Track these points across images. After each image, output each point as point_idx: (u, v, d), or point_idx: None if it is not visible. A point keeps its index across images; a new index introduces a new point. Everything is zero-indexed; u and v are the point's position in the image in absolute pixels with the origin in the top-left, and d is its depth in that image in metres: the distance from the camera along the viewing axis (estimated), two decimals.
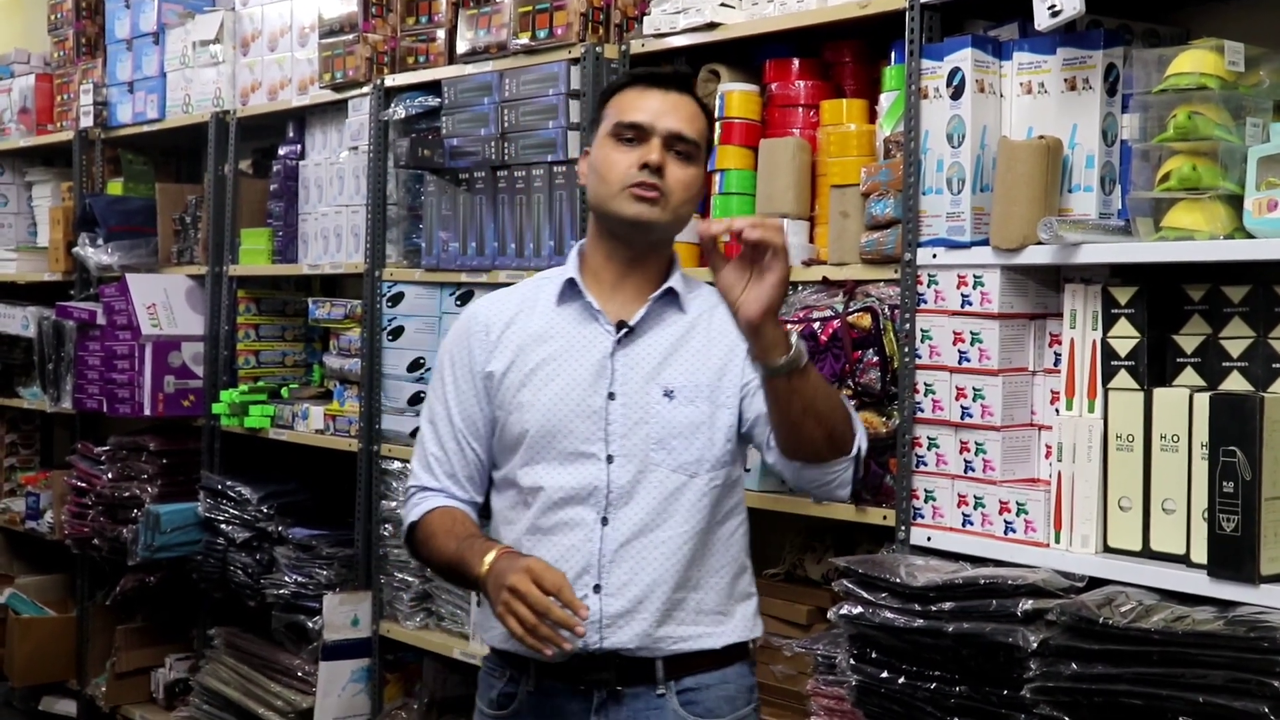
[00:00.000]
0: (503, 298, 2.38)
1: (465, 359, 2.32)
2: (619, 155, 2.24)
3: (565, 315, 2.30)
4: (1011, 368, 2.58)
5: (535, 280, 2.40)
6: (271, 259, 4.41)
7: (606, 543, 2.21)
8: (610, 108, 2.30)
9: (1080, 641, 2.24)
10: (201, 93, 4.68)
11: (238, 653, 4.37)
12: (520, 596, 2.02)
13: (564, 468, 2.23)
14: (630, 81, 2.32)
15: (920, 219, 2.67)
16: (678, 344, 2.28)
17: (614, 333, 2.27)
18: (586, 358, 2.26)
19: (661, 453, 2.23)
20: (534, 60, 3.46)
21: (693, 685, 2.24)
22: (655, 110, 2.25)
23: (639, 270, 2.30)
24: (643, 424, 2.23)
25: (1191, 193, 2.30)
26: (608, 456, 2.22)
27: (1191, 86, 2.30)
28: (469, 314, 2.38)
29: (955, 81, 2.60)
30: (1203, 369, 2.38)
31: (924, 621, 2.44)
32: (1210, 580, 2.24)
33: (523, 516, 2.26)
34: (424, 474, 2.35)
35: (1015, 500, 2.53)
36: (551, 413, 2.23)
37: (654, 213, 2.23)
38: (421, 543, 2.31)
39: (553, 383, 2.25)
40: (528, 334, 2.29)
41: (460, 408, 2.32)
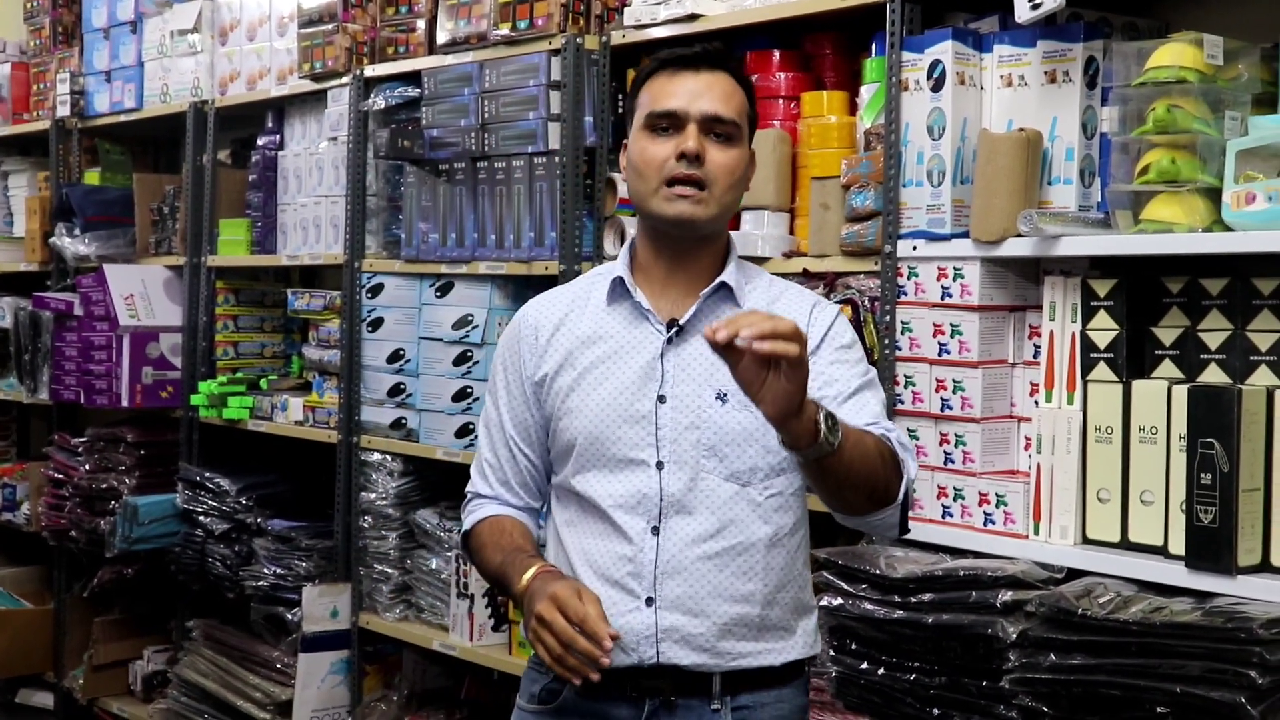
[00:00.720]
0: (553, 298, 2.27)
1: (515, 364, 2.23)
2: (655, 147, 2.11)
3: (615, 315, 2.18)
4: (991, 360, 2.58)
5: (589, 277, 2.28)
6: (250, 250, 4.39)
7: (660, 554, 2.08)
8: (642, 96, 2.17)
9: (1059, 633, 2.25)
10: (179, 82, 4.65)
11: (216, 645, 4.36)
12: (546, 626, 1.95)
13: (614, 475, 2.12)
14: (659, 66, 2.17)
15: (900, 211, 2.68)
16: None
17: (664, 332, 2.14)
18: (636, 359, 2.14)
19: (713, 460, 2.10)
20: (514, 51, 3.45)
21: (749, 703, 2.12)
22: (688, 94, 2.11)
23: (690, 264, 2.17)
24: (694, 429, 2.10)
25: (1170, 185, 2.31)
26: (658, 463, 2.10)
27: (1170, 80, 2.31)
28: (519, 316, 2.27)
29: (936, 74, 2.60)
30: (1181, 361, 2.39)
31: (904, 613, 2.45)
32: (1188, 571, 2.25)
33: (576, 524, 2.16)
34: (479, 480, 2.29)
35: (995, 492, 2.54)
36: (600, 418, 2.13)
37: (697, 210, 2.10)
38: (474, 551, 2.26)
39: (601, 387, 2.14)
40: (577, 336, 2.18)
41: (512, 414, 2.23)
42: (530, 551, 2.15)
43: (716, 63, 2.16)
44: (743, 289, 2.17)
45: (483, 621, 3.54)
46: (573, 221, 3.32)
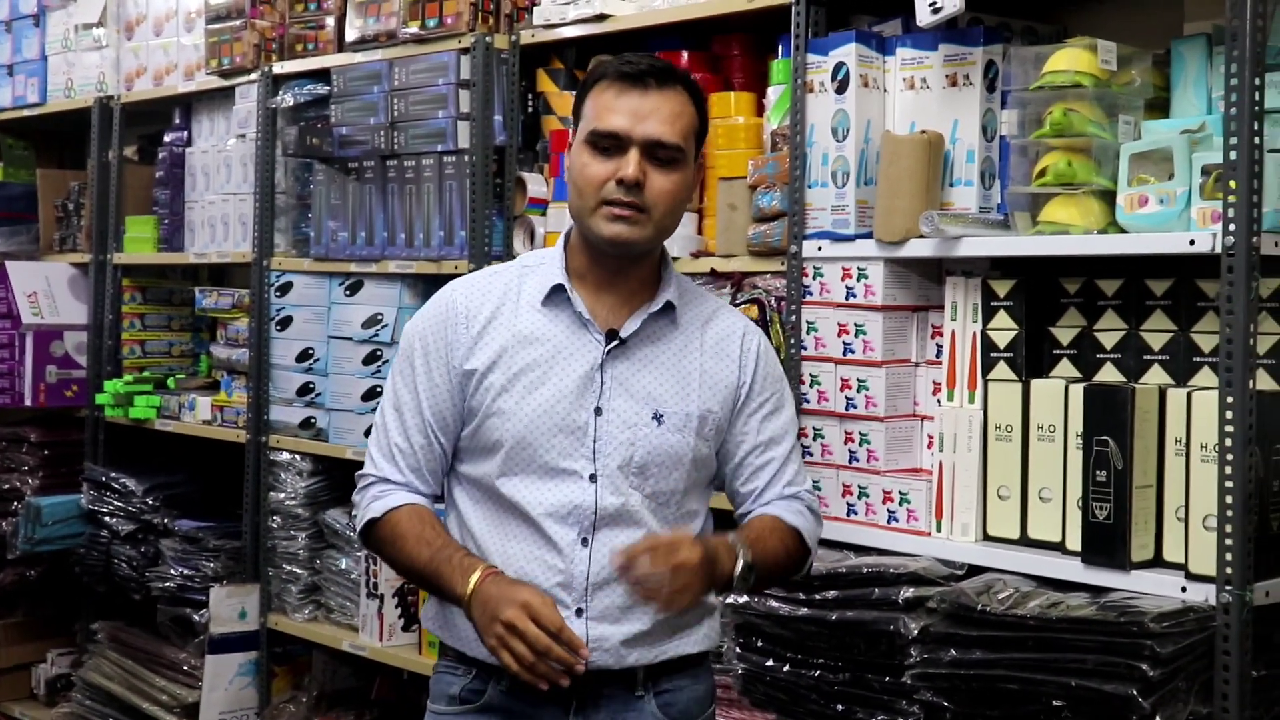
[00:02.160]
0: (483, 285, 2.19)
1: (442, 349, 2.15)
2: (596, 166, 2.08)
3: (553, 319, 2.14)
4: (895, 359, 2.62)
5: (515, 269, 2.21)
6: (157, 247, 4.34)
7: (590, 565, 2.09)
8: (588, 106, 2.13)
9: (959, 628, 2.29)
10: (84, 77, 4.58)
11: (122, 647, 4.30)
12: (518, 634, 1.94)
13: (544, 483, 2.10)
14: (608, 76, 2.12)
15: (806, 212, 2.70)
16: (671, 366, 2.15)
17: (604, 343, 2.12)
18: (574, 368, 2.11)
19: (639, 478, 2.11)
20: (424, 49, 3.44)
21: (669, 687, 2.16)
22: (633, 115, 2.07)
23: (626, 276, 2.15)
24: (629, 445, 2.10)
25: (1067, 188, 2.36)
26: (591, 475, 2.10)
27: (1067, 84, 2.35)
28: (447, 300, 2.18)
29: (840, 76, 2.63)
30: (1078, 360, 2.44)
31: (808, 610, 2.47)
32: (1084, 567, 2.30)
33: (498, 526, 2.13)
34: (387, 465, 2.18)
35: (898, 490, 2.58)
36: (533, 424, 2.09)
37: (634, 232, 2.08)
38: (386, 541, 2.15)
39: (537, 391, 2.10)
40: (513, 334, 2.13)
41: (431, 400, 2.15)
42: (465, 550, 2.10)
43: (666, 80, 2.11)
44: (681, 306, 2.17)
45: (392, 621, 3.52)
46: (482, 221, 3.31)
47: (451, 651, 2.18)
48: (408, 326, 2.23)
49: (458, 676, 2.16)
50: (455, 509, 2.20)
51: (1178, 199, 2.25)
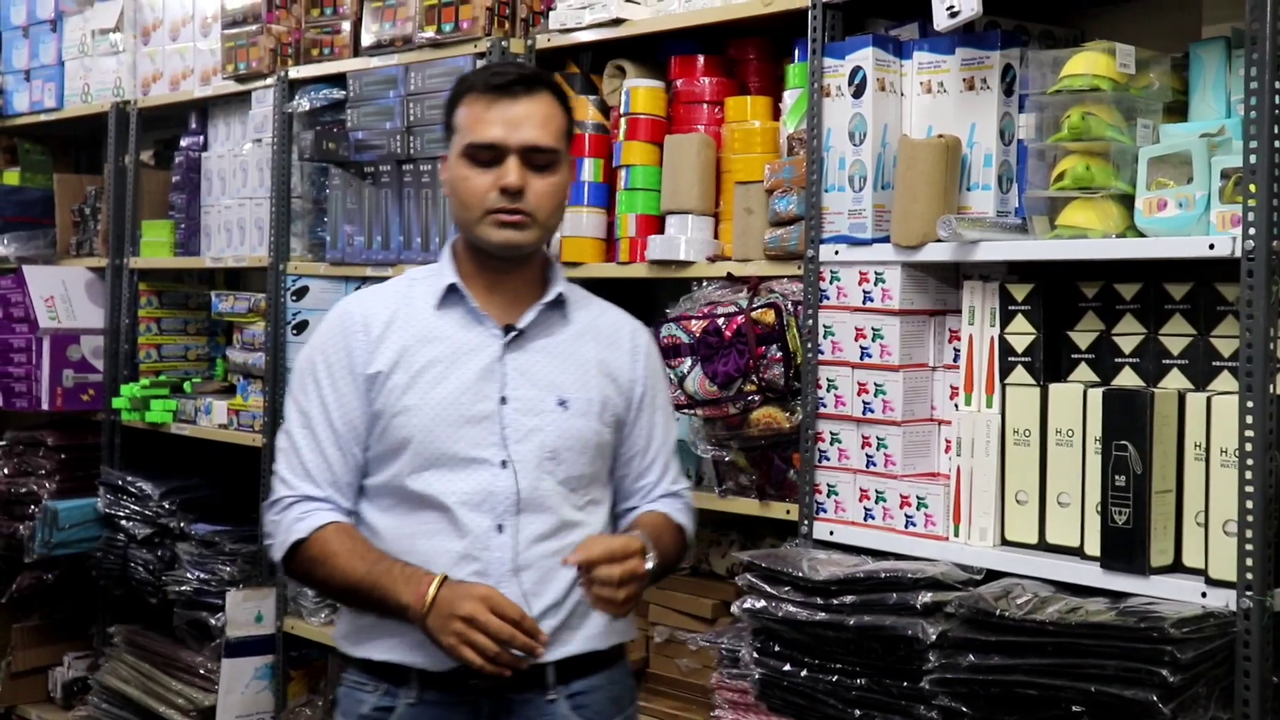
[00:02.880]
0: (376, 296, 2.27)
1: (344, 359, 2.20)
2: (477, 178, 2.17)
3: (448, 318, 2.22)
4: (912, 363, 2.61)
5: (405, 280, 2.31)
6: (173, 251, 4.35)
7: (504, 551, 2.15)
8: (460, 119, 2.22)
9: (978, 633, 2.27)
10: (101, 82, 4.59)
11: (138, 650, 4.31)
12: (479, 626, 2.01)
13: (456, 473, 2.15)
14: (474, 89, 2.21)
15: (823, 216, 2.70)
16: (569, 354, 2.25)
17: (501, 335, 2.21)
18: (474, 361, 2.19)
19: (552, 463, 2.19)
20: (439, 54, 3.44)
21: (582, 689, 2.20)
22: (506, 124, 2.16)
23: (515, 276, 2.25)
24: (537, 431, 2.19)
25: (1085, 192, 2.35)
26: (502, 462, 2.16)
27: (1085, 88, 2.34)
28: (343, 313, 2.24)
29: (857, 80, 2.62)
30: (1096, 365, 2.43)
31: (826, 615, 2.46)
32: (1103, 572, 2.29)
33: (404, 525, 2.17)
34: (303, 483, 2.19)
35: (915, 494, 2.57)
36: (439, 417, 2.16)
37: (522, 235, 2.18)
38: (316, 560, 2.16)
39: (440, 386, 2.17)
40: (411, 335, 2.20)
41: (341, 411, 2.19)
42: (405, 562, 2.12)
43: (534, 85, 2.20)
44: (571, 303, 2.29)
45: None
46: None
47: (358, 663, 2.21)
48: (302, 350, 2.28)
49: (366, 693, 2.19)
50: (363, 524, 2.22)
51: (1197, 203, 2.24)
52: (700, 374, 2.82)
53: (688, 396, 2.85)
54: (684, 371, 2.85)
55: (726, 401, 2.80)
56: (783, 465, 2.82)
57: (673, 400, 2.82)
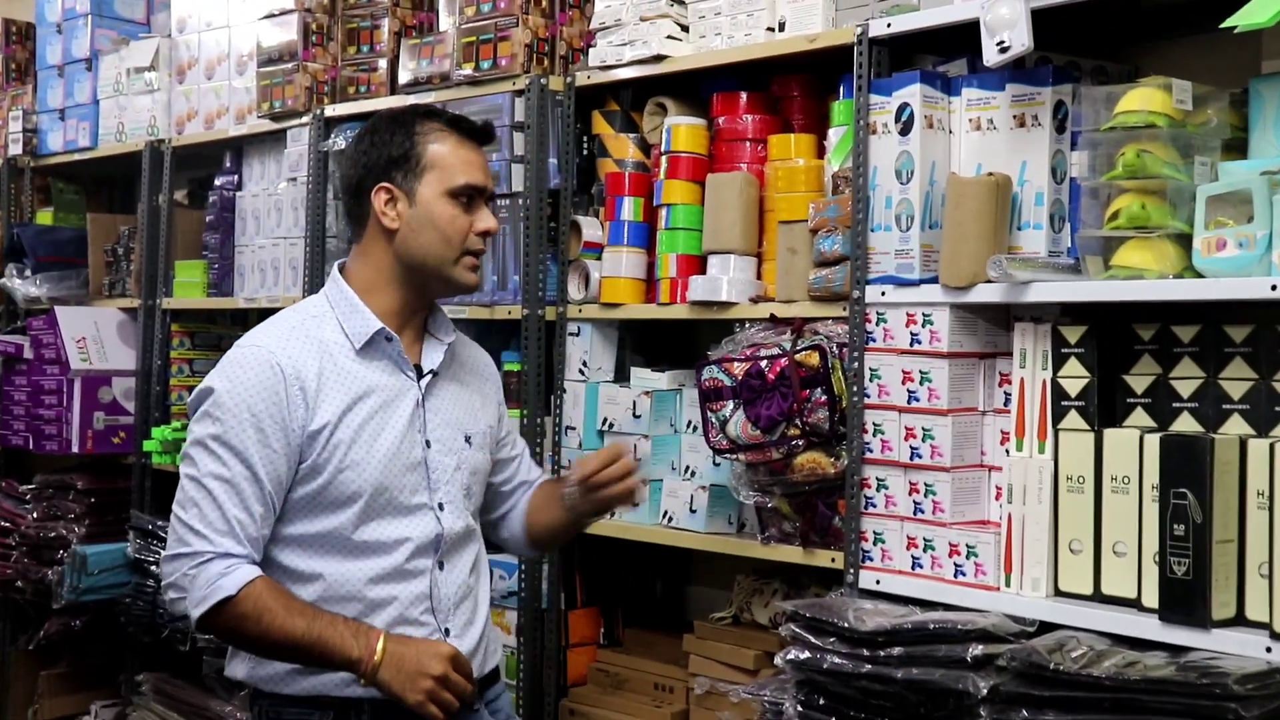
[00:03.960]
0: (292, 343, 2.21)
1: (278, 416, 2.16)
2: (463, 219, 2.26)
3: (373, 367, 2.26)
4: (961, 407, 2.54)
5: (306, 319, 2.26)
6: (206, 292, 4.32)
7: (447, 587, 2.29)
8: (433, 156, 2.24)
9: (1031, 688, 2.19)
10: (135, 121, 4.59)
11: (167, 699, 4.25)
12: (450, 687, 2.15)
13: (402, 520, 2.25)
14: (445, 129, 2.27)
15: (869, 256, 2.63)
16: (461, 388, 2.39)
17: (416, 378, 2.30)
18: (402, 408, 2.27)
19: (466, 498, 2.35)
20: (477, 91, 3.41)
21: (492, 696, 2.40)
22: (482, 170, 2.29)
23: (420, 316, 2.34)
24: (458, 470, 2.33)
25: (1141, 231, 2.28)
26: (439, 504, 2.29)
27: (1140, 124, 2.28)
28: (268, 366, 2.17)
29: (904, 117, 2.57)
30: (1153, 409, 2.35)
31: (872, 667, 2.38)
32: (1161, 625, 2.20)
33: (357, 569, 2.21)
34: (224, 539, 2.14)
35: (965, 543, 2.49)
36: (385, 469, 2.22)
37: (479, 279, 2.32)
38: (248, 618, 2.12)
39: (380, 438, 2.22)
40: (347, 389, 2.22)
41: (269, 467, 2.16)
42: (345, 617, 2.17)
43: (490, 137, 2.37)
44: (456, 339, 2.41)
45: None
46: (536, 265, 3.26)
47: (300, 700, 2.21)
48: (222, 396, 2.17)
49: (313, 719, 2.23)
50: (278, 568, 2.21)
51: (1258, 242, 2.17)
52: (743, 418, 2.76)
53: (730, 441, 2.78)
54: (726, 415, 2.78)
55: (770, 446, 2.73)
56: (827, 512, 2.74)
57: (715, 444, 2.79)
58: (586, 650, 3.36)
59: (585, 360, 3.26)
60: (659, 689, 3.18)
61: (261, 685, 2.24)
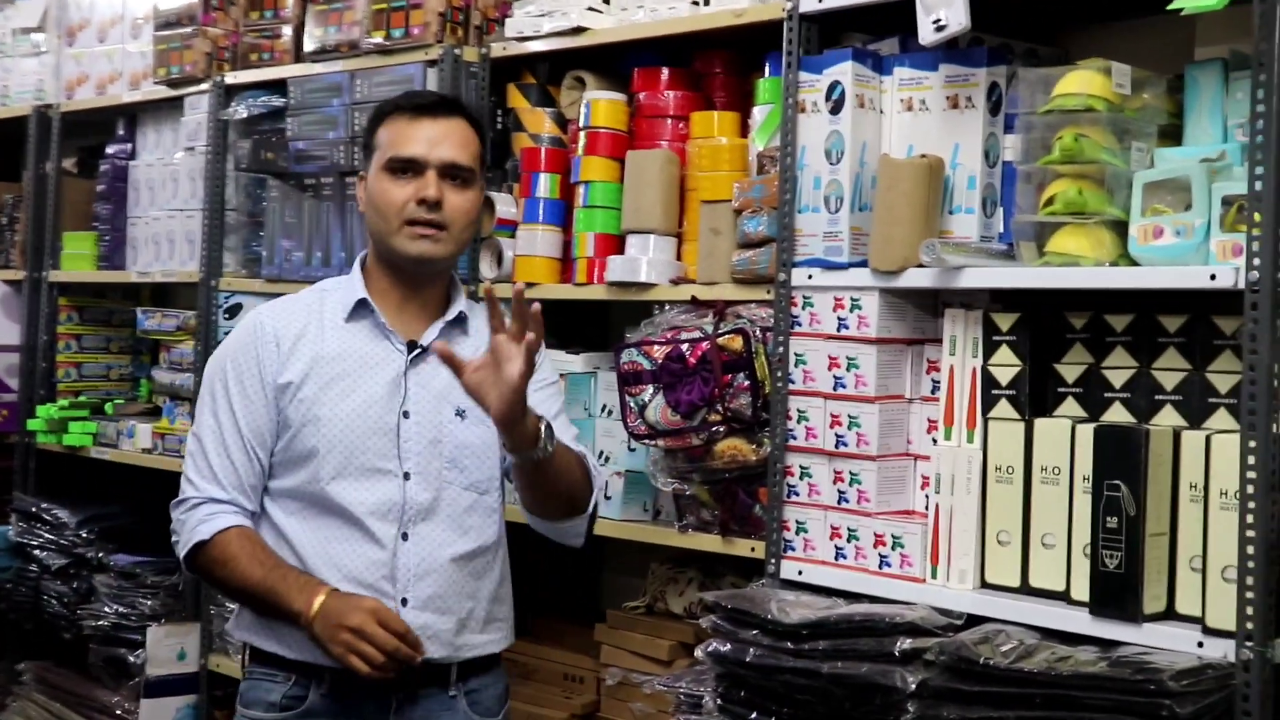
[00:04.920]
0: (285, 309, 2.39)
1: (254, 369, 2.32)
2: (396, 190, 2.30)
3: (356, 332, 2.35)
4: (888, 395, 2.48)
5: (316, 292, 2.43)
6: (97, 265, 4.16)
7: (409, 557, 2.29)
8: (381, 136, 2.35)
9: (960, 683, 2.14)
10: (21, 84, 4.41)
11: (50, 689, 4.10)
12: (367, 638, 2.16)
13: (363, 483, 2.29)
14: (398, 109, 2.36)
15: (796, 238, 2.56)
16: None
17: (405, 352, 2.34)
18: (380, 375, 2.33)
19: (454, 471, 2.34)
20: (388, 61, 3.29)
21: (476, 686, 2.36)
22: (428, 140, 2.31)
23: (423, 292, 2.38)
24: (437, 443, 2.33)
25: (1077, 217, 2.23)
26: (405, 474, 2.31)
27: (1079, 108, 2.23)
28: (253, 324, 2.36)
29: (835, 95, 2.50)
30: (1085, 399, 2.31)
31: (796, 661, 2.32)
32: (1092, 619, 2.16)
33: (318, 529, 2.30)
34: (209, 485, 2.32)
35: (891, 533, 2.43)
36: (349, 429, 2.29)
37: (436, 248, 2.31)
38: (217, 563, 2.29)
39: (349, 398, 2.30)
40: (320, 349, 2.33)
41: (248, 418, 2.32)
42: (299, 570, 2.27)
43: (453, 109, 2.38)
44: (471, 319, 2.42)
45: None
46: None
47: (268, 657, 2.31)
48: (211, 359, 2.42)
49: (276, 683, 2.30)
50: (268, 523, 2.34)
51: (1196, 231, 2.13)
52: (662, 403, 2.67)
53: (648, 426, 2.70)
54: (645, 400, 2.70)
55: (690, 432, 2.65)
56: (748, 500, 2.67)
57: (633, 429, 2.71)
58: None
59: None
60: (569, 679, 3.11)
61: (236, 634, 2.39)
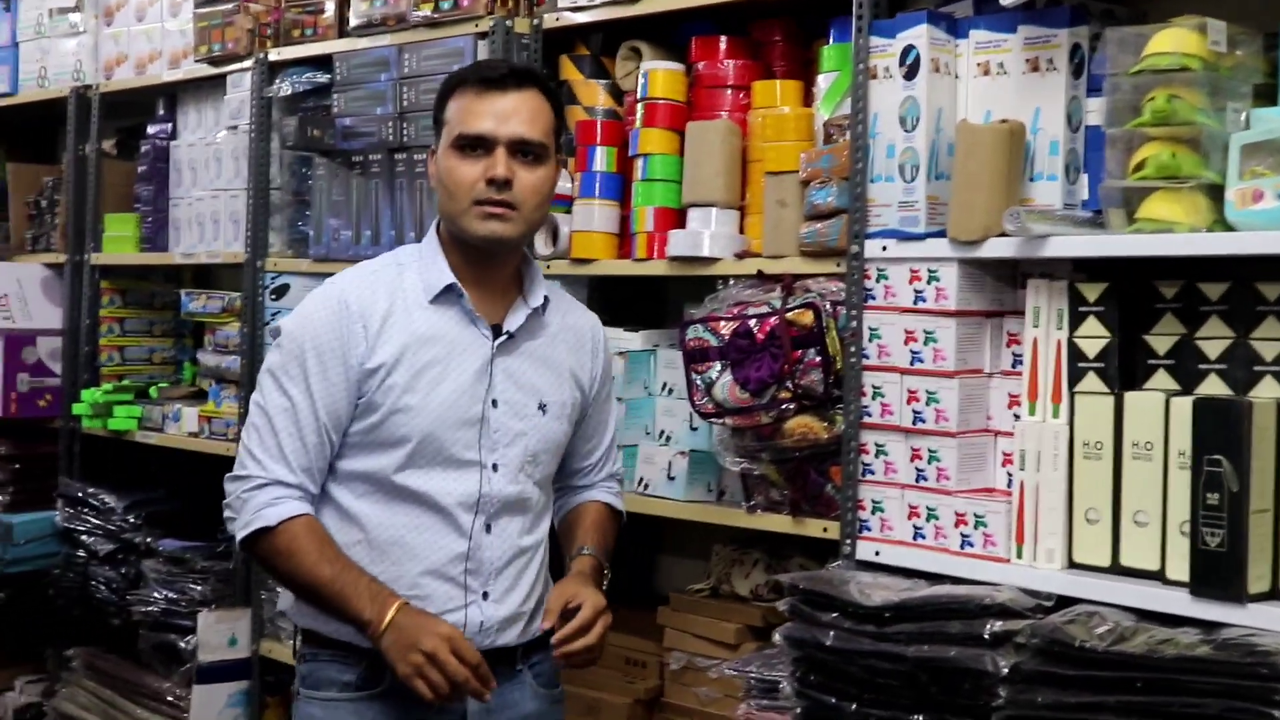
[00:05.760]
0: (369, 285, 2.25)
1: (338, 349, 2.20)
2: (465, 168, 2.20)
3: (444, 316, 2.25)
4: (967, 369, 2.40)
5: (393, 265, 2.30)
6: (139, 247, 4.10)
7: (493, 551, 2.25)
8: (450, 111, 2.25)
9: (1055, 666, 2.07)
10: (59, 65, 4.34)
11: (99, 675, 4.06)
12: (438, 665, 2.08)
13: (450, 474, 2.22)
14: (466, 82, 2.25)
15: (868, 208, 2.48)
16: (547, 357, 2.32)
17: (491, 337, 2.26)
18: (469, 362, 2.24)
19: (532, 465, 2.29)
20: (436, 34, 3.21)
21: (536, 660, 2.34)
22: (497, 116, 2.20)
23: (498, 273, 2.29)
24: (522, 435, 2.27)
25: (1169, 182, 2.14)
26: (493, 465, 2.24)
27: (1172, 67, 2.13)
28: (338, 301, 2.23)
29: (909, 60, 2.41)
30: (1177, 371, 2.22)
31: (880, 644, 2.25)
32: (1192, 599, 2.08)
33: (394, 515, 2.22)
34: (278, 466, 2.20)
35: (973, 512, 2.35)
36: (439, 418, 2.21)
37: (506, 229, 2.21)
38: (281, 553, 2.18)
39: (440, 387, 2.21)
40: (411, 332, 2.22)
41: (327, 399, 2.20)
42: (372, 577, 2.17)
43: (524, 81, 2.25)
44: (552, 303, 2.34)
45: None
46: None
47: (335, 644, 2.24)
48: (289, 328, 2.25)
49: (350, 664, 2.23)
50: (332, 505, 2.25)
51: None
52: (730, 380, 2.60)
53: (715, 404, 2.62)
54: (712, 378, 2.62)
55: (759, 410, 2.58)
56: (819, 479, 2.60)
57: (700, 407, 2.64)
58: None
59: None
60: (631, 664, 3.04)
61: (299, 621, 2.30)
